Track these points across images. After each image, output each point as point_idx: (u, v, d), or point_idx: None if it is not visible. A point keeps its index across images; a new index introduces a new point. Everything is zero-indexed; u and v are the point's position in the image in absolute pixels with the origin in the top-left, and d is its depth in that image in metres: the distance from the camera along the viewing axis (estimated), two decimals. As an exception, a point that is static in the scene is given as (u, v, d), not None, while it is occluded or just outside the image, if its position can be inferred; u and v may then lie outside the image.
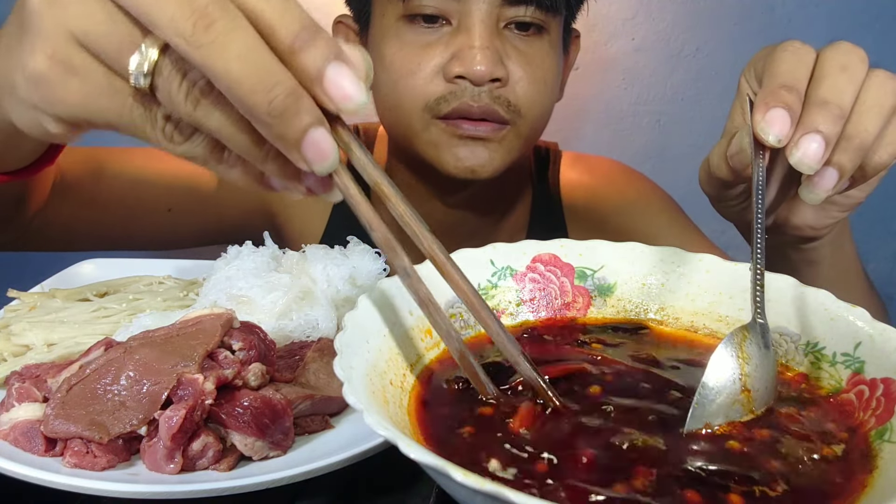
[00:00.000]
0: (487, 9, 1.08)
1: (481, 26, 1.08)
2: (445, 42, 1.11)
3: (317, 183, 0.55)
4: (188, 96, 0.50)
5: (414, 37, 1.12)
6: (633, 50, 1.96)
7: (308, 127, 0.49)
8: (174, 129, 0.53)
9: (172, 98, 0.50)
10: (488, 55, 1.07)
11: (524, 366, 0.59)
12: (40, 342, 0.84)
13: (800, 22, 1.92)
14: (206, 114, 0.50)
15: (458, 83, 1.09)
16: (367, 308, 0.62)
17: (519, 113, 1.13)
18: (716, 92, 1.99)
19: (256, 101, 0.47)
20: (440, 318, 0.59)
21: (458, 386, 0.61)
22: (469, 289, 0.59)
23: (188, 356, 0.68)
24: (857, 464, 0.53)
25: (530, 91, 1.14)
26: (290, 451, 0.69)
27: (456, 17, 1.10)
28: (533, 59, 1.14)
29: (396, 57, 1.13)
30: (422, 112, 1.13)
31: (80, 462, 0.64)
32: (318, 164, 0.50)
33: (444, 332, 0.59)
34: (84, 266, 1.08)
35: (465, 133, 1.12)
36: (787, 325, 0.68)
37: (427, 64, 1.11)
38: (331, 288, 0.91)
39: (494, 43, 1.09)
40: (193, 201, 1.31)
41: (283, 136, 0.49)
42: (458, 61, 1.08)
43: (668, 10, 1.93)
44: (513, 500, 0.39)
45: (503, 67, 1.10)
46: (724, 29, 1.93)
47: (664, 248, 0.76)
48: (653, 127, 2.03)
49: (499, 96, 1.11)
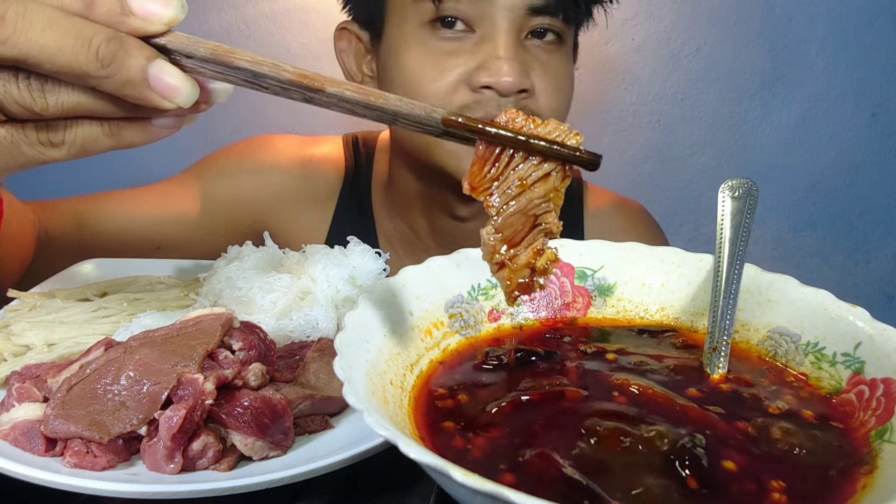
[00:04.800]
0: (512, 17, 1.08)
1: (507, 36, 1.07)
2: (470, 51, 1.09)
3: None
4: (32, 92, 0.51)
5: (437, 44, 1.11)
6: (633, 50, 1.96)
7: (144, 64, 0.51)
8: (47, 133, 0.54)
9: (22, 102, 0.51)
10: (516, 66, 1.06)
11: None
12: (40, 342, 0.84)
13: (800, 21, 1.92)
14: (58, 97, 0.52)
15: (483, 93, 1.08)
16: (367, 308, 0.62)
17: None
18: (716, 92, 1.99)
19: (82, 60, 0.49)
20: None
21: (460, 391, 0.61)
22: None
23: (188, 356, 0.68)
24: (857, 464, 0.53)
25: (552, 101, 1.14)
26: (290, 451, 0.69)
27: (480, 26, 1.09)
28: (553, 69, 1.14)
29: (419, 64, 1.11)
30: None
31: (80, 462, 0.63)
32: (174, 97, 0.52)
33: None
34: (84, 266, 1.08)
35: None
36: (787, 325, 0.68)
37: (451, 72, 1.10)
38: (331, 288, 0.91)
39: (520, 53, 1.09)
40: (182, 234, 1.30)
41: (128, 82, 0.50)
42: (485, 71, 1.07)
43: (668, 10, 1.93)
44: (513, 500, 0.39)
45: (529, 78, 1.09)
46: (724, 29, 1.93)
47: (664, 248, 0.76)
48: (653, 127, 2.02)
49: (524, 107, 1.10)
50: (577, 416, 0.57)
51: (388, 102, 0.55)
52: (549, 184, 0.56)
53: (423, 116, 0.55)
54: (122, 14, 0.50)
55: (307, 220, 1.37)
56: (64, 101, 0.52)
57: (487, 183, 0.56)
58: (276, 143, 1.41)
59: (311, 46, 1.91)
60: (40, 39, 0.48)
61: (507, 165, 0.56)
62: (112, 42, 0.49)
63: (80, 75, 0.50)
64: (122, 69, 0.50)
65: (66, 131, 0.55)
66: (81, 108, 0.53)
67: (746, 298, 0.71)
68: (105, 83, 0.50)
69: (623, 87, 2.00)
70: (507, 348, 0.67)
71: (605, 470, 0.51)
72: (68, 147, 0.55)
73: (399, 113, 0.55)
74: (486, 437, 0.55)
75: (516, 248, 0.57)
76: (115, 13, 0.50)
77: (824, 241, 2.11)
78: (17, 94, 0.51)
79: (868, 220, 2.10)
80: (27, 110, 0.52)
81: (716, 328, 0.68)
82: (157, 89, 0.51)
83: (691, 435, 0.53)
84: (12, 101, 0.51)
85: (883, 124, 2.00)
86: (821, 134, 2.01)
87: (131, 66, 0.50)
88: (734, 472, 0.52)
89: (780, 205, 2.05)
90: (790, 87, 1.97)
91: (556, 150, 0.54)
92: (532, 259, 0.57)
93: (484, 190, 0.56)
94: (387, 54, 1.18)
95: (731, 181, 0.78)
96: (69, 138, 0.55)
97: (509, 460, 0.52)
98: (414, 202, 1.33)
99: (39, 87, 0.51)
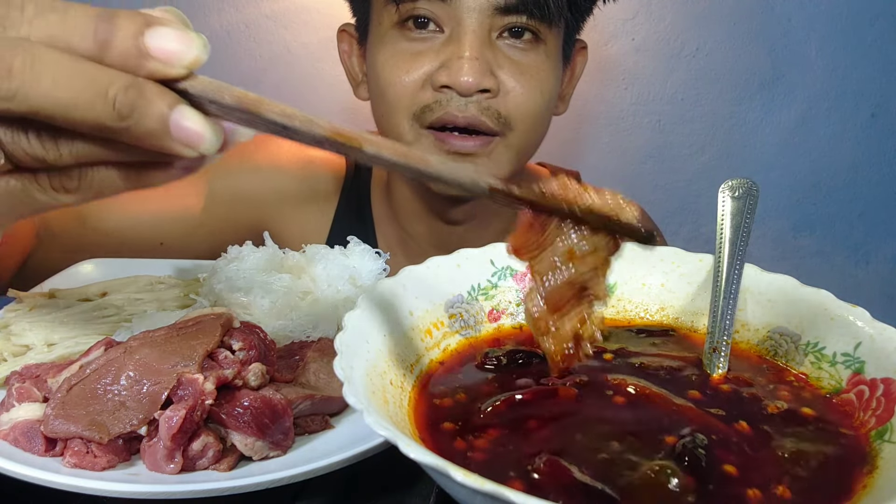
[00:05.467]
0: (479, 17, 1.07)
1: (472, 36, 1.07)
2: (436, 51, 1.10)
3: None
4: (44, 143, 0.47)
5: (406, 45, 1.12)
6: (633, 50, 1.96)
7: (165, 111, 0.46)
8: (60, 179, 0.50)
9: (33, 154, 0.47)
10: (476, 66, 1.06)
11: None
12: (40, 342, 0.84)
13: (799, 21, 1.92)
14: (71, 148, 0.47)
15: (444, 92, 1.08)
16: (367, 308, 0.62)
17: (509, 125, 1.12)
18: (716, 92, 1.99)
19: (99, 112, 0.44)
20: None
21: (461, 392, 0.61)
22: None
23: (188, 356, 0.68)
24: (857, 464, 0.53)
25: (523, 102, 1.12)
26: (290, 451, 0.69)
27: (448, 26, 1.09)
28: (527, 69, 1.12)
29: (387, 64, 1.13)
30: (411, 121, 1.12)
31: (80, 462, 0.63)
32: (198, 146, 0.47)
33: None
34: (84, 266, 1.08)
35: (452, 149, 1.12)
36: (787, 325, 0.68)
37: (416, 72, 1.10)
38: (331, 288, 0.91)
39: (485, 53, 1.08)
40: (184, 232, 1.29)
41: (150, 133, 0.46)
42: (445, 71, 1.07)
43: (668, 10, 1.93)
44: (513, 500, 0.39)
45: (492, 78, 1.08)
46: (724, 29, 1.93)
47: (664, 248, 0.76)
48: (653, 127, 2.02)
49: (488, 107, 1.09)
50: (577, 416, 0.57)
51: (430, 166, 0.50)
52: (599, 254, 0.53)
53: (468, 184, 0.51)
54: (139, 56, 0.45)
55: (307, 220, 1.37)
56: (79, 151, 0.48)
57: (533, 249, 0.53)
58: (278, 143, 1.41)
59: (311, 46, 1.91)
60: (52, 92, 0.43)
61: (556, 232, 0.53)
62: (130, 90, 0.45)
63: (96, 127, 0.45)
64: (141, 120, 0.45)
65: (80, 179, 0.50)
66: (97, 156, 0.49)
67: (746, 298, 0.71)
68: (124, 134, 0.46)
69: (623, 87, 2.00)
70: (507, 349, 0.67)
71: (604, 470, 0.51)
72: (84, 192, 0.51)
73: (441, 177, 0.50)
74: (486, 438, 0.55)
75: (562, 316, 0.55)
76: (131, 55, 0.45)
77: (824, 241, 2.11)
78: (28, 146, 0.47)
79: (868, 221, 2.10)
80: (40, 161, 0.48)
81: (716, 328, 0.68)
82: (180, 138, 0.47)
83: (693, 435, 0.53)
84: (22, 154, 0.47)
85: (882, 124, 2.00)
86: (820, 134, 2.01)
87: (151, 116, 0.45)
88: (734, 473, 0.52)
89: (780, 205, 2.05)
90: (790, 87, 1.97)
91: (611, 224, 0.51)
92: (577, 327, 0.55)
93: (528, 255, 0.54)
94: (368, 55, 1.19)
95: (731, 181, 0.78)
96: (84, 184, 0.51)
97: (510, 460, 0.52)
98: (409, 205, 1.33)
99: (52, 138, 0.47)
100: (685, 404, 0.59)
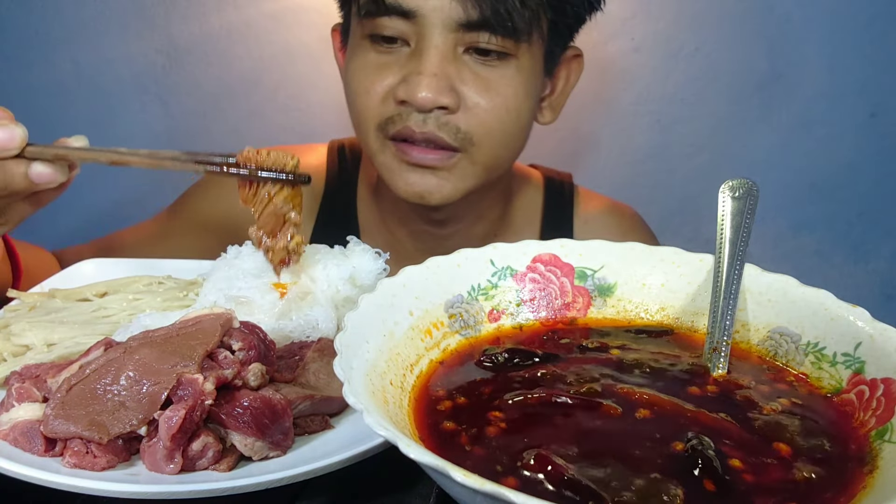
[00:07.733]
0: (442, 33, 1.06)
1: (434, 52, 1.06)
2: (401, 64, 1.10)
3: None
4: None
5: (374, 56, 1.12)
6: (633, 50, 1.96)
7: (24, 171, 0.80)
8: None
9: None
10: (433, 83, 1.06)
11: None
12: (40, 342, 0.84)
13: (799, 21, 1.92)
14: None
15: (405, 107, 1.09)
16: (367, 308, 0.62)
17: (470, 140, 1.11)
18: (715, 92, 1.98)
19: None
20: None
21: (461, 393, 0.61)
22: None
23: (188, 356, 0.68)
24: (857, 464, 0.53)
25: (486, 118, 1.11)
26: (290, 451, 0.69)
27: (414, 40, 1.09)
28: (494, 84, 1.11)
29: (357, 74, 1.14)
30: (376, 132, 1.14)
31: (79, 462, 0.63)
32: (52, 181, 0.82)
33: None
34: (84, 266, 1.08)
35: (413, 160, 1.12)
36: (787, 325, 0.68)
37: (380, 84, 1.11)
38: (331, 288, 0.91)
39: (447, 69, 1.07)
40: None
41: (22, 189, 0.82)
42: (404, 86, 1.07)
43: (667, 10, 1.93)
44: (513, 500, 0.39)
45: (452, 95, 1.08)
46: (724, 29, 1.93)
47: (664, 248, 0.76)
48: (653, 127, 2.02)
49: (446, 123, 1.09)
50: (577, 417, 0.57)
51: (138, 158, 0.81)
52: (284, 192, 0.80)
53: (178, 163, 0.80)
54: None
55: None
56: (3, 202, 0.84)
57: (251, 198, 0.81)
58: None
59: (311, 46, 1.91)
60: None
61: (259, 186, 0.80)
62: None
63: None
64: (11, 185, 0.80)
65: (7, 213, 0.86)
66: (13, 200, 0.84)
67: (746, 298, 0.71)
68: (7, 195, 0.81)
69: (622, 87, 2.00)
70: (506, 349, 0.67)
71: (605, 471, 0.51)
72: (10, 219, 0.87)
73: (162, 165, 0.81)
74: (486, 438, 0.55)
75: (275, 238, 0.84)
76: None
77: (824, 241, 2.11)
78: None
79: (867, 220, 2.09)
80: None
81: (716, 328, 0.68)
82: (41, 181, 0.81)
83: (698, 437, 0.53)
84: None
85: (882, 124, 2.00)
86: (820, 134, 2.01)
87: (17, 178, 0.80)
88: (734, 473, 0.52)
89: (780, 205, 2.05)
90: (789, 87, 1.97)
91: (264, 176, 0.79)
92: (286, 243, 0.84)
93: (249, 203, 0.82)
94: (345, 61, 1.22)
95: (731, 181, 0.79)
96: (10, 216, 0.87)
97: (510, 461, 0.52)
98: (394, 207, 1.34)
99: None
100: (685, 404, 0.59)
